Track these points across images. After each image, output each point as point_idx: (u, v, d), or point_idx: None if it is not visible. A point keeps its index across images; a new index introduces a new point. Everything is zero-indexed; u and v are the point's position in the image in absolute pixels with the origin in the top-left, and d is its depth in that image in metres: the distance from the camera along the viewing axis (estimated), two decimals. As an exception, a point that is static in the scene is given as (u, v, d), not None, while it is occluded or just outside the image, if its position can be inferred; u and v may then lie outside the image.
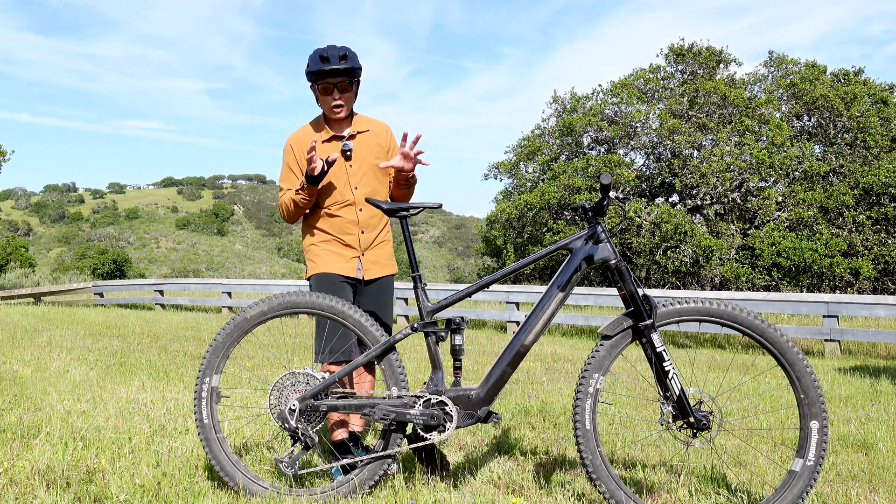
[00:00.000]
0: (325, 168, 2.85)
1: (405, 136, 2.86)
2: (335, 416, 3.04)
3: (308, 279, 3.12)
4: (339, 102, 3.00)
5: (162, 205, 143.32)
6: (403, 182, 3.04)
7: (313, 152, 2.80)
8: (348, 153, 3.03)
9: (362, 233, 3.03)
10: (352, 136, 3.07)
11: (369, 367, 3.08)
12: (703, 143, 19.10)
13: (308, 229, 3.11)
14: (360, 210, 3.02)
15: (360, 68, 3.01)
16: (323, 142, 3.05)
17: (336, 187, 3.01)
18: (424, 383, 2.64)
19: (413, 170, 2.96)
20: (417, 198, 3.19)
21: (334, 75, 2.95)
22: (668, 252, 17.31)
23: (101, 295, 17.52)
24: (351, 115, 3.12)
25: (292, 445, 2.62)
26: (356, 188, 3.02)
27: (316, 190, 2.94)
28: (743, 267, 16.88)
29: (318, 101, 3.07)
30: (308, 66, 2.99)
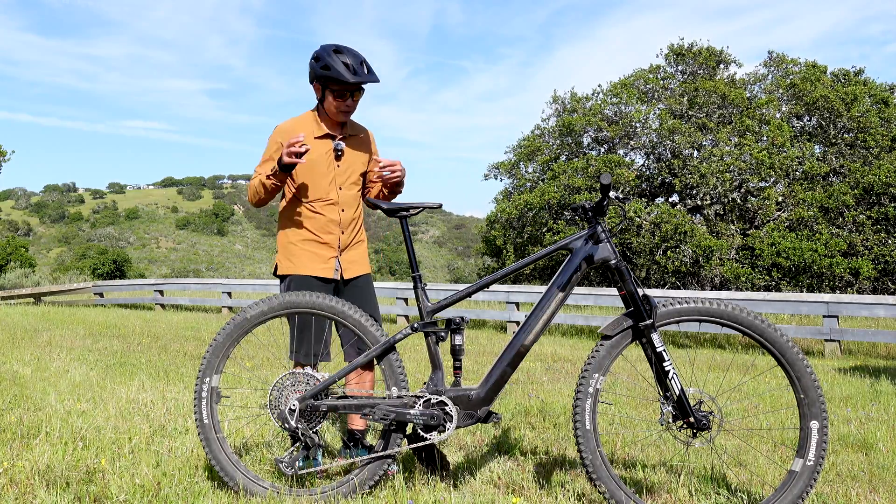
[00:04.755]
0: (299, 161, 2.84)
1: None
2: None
3: (280, 276, 3.07)
4: (350, 109, 2.99)
5: (162, 205, 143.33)
6: (389, 188, 3.09)
7: (301, 142, 2.76)
8: (340, 153, 3.02)
9: (342, 233, 3.04)
10: (344, 138, 3.05)
11: (368, 365, 3.08)
12: (703, 144, 19.09)
13: (287, 224, 3.07)
14: (343, 211, 3.02)
15: None
16: (316, 138, 3.01)
17: (322, 185, 3.00)
18: (424, 383, 2.64)
19: (394, 180, 2.99)
20: (418, 197, 3.20)
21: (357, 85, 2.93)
22: (668, 252, 17.31)
23: (101, 295, 17.52)
24: None
25: (292, 445, 2.62)
26: (341, 188, 3.02)
27: (286, 178, 2.93)
28: (743, 267, 16.88)
29: (322, 99, 2.99)
30: (327, 68, 2.85)
